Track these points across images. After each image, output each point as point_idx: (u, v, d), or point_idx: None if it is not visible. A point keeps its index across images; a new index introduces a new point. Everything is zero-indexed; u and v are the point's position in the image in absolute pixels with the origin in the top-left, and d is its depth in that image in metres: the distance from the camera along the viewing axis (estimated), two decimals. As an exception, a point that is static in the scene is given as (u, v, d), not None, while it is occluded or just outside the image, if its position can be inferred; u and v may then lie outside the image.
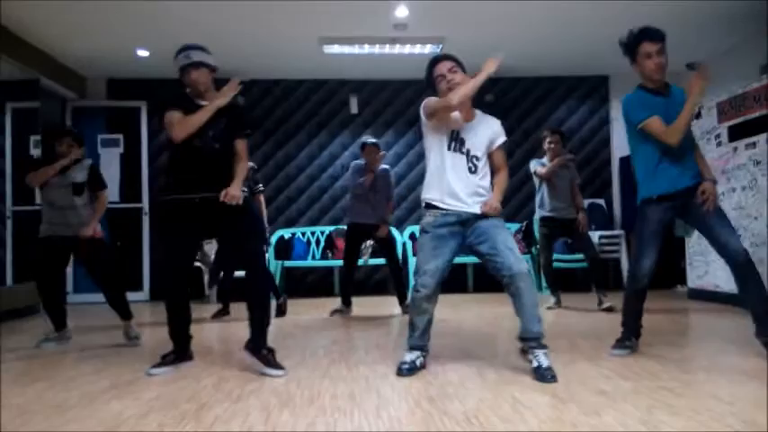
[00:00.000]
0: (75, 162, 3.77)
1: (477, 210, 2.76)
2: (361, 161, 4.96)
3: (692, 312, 4.83)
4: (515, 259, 2.65)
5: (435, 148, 2.83)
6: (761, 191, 4.68)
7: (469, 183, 2.78)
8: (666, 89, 2.98)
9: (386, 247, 5.05)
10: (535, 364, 2.60)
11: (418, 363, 2.79)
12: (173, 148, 2.96)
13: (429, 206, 2.82)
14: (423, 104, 2.84)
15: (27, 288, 5.15)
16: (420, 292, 2.76)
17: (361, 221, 4.93)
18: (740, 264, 2.82)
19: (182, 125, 2.83)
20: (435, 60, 2.87)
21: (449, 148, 2.80)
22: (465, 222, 2.77)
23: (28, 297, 5.18)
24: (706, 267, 5.37)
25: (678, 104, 2.87)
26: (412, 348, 2.83)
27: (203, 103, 2.92)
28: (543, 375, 2.52)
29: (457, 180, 2.77)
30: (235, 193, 2.79)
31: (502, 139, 2.90)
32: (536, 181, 5.13)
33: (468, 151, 2.79)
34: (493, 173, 2.90)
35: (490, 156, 2.88)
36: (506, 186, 2.94)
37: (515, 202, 6.98)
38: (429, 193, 2.84)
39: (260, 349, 2.85)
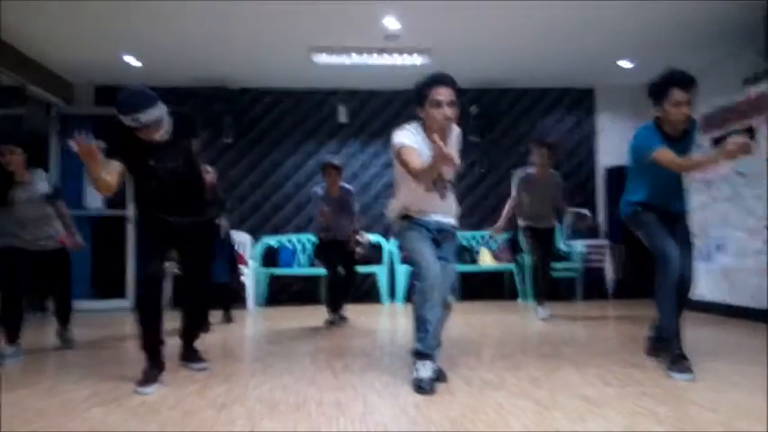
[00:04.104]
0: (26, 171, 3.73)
1: (450, 221, 2.81)
2: (318, 189, 4.96)
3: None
4: (450, 295, 2.79)
5: (405, 180, 2.72)
6: (743, 201, 4.74)
7: (441, 206, 2.77)
8: (683, 135, 2.96)
9: (348, 258, 5.02)
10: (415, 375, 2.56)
11: (435, 374, 2.57)
12: (135, 184, 2.95)
13: (405, 217, 2.77)
14: (395, 145, 2.60)
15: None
16: (428, 279, 2.55)
17: (330, 237, 4.95)
18: (681, 293, 2.86)
19: (125, 173, 2.86)
20: (437, 80, 2.59)
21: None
22: (440, 232, 2.76)
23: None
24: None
25: (688, 142, 2.94)
26: (423, 356, 2.57)
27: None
28: (421, 387, 2.47)
29: (432, 206, 2.75)
30: None
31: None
32: (513, 189, 5.10)
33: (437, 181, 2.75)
34: None
35: None
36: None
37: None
38: (403, 207, 2.78)
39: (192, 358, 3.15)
